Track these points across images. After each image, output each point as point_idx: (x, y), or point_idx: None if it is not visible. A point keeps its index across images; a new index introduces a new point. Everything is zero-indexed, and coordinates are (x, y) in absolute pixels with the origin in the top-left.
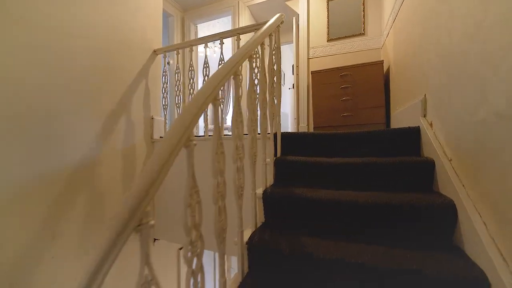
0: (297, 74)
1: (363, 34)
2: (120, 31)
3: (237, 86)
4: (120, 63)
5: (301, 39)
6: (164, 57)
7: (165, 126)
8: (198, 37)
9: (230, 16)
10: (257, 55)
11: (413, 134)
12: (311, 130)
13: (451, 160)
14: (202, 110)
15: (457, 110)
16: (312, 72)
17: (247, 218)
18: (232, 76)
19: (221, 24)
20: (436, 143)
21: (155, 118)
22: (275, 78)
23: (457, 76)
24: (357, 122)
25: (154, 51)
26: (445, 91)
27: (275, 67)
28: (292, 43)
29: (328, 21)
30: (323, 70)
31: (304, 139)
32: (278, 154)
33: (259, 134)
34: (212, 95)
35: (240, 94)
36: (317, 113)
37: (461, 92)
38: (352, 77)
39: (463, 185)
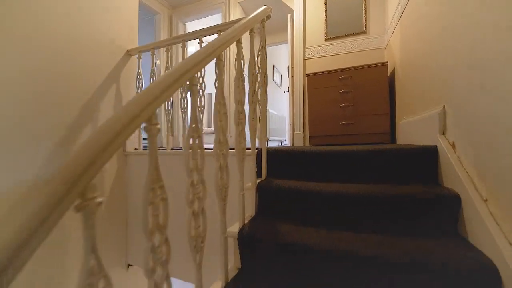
0: (293, 76)
1: (365, 32)
2: (84, 30)
3: (221, 71)
4: (85, 66)
5: (296, 38)
6: (152, 54)
7: (139, 135)
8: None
9: (221, 14)
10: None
11: (429, 155)
12: (307, 138)
13: (486, 200)
14: (174, 88)
15: (497, 132)
16: (308, 75)
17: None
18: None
19: (212, 22)
20: (462, 172)
21: None
22: (259, 82)
23: (499, 86)
24: (358, 131)
25: (128, 51)
26: (477, 105)
27: (257, 69)
28: (288, 42)
29: (326, 18)
30: (319, 72)
31: (295, 157)
32: (263, 176)
33: (232, 149)
34: (188, 74)
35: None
36: (313, 120)
37: (506, 108)
38: (353, 81)
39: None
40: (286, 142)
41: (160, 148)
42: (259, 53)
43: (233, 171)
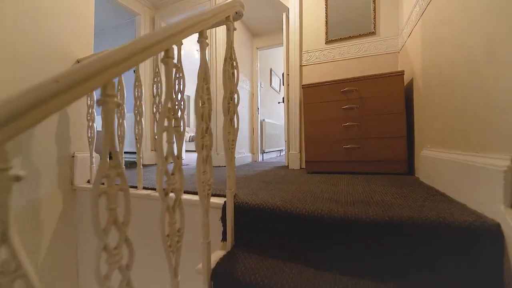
0: (288, 85)
1: (374, 33)
2: (27, 36)
3: (203, 48)
4: (17, 79)
5: (292, 41)
6: None
7: (91, 166)
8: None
9: None
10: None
11: (487, 236)
12: (304, 162)
13: None
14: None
15: None
16: (304, 87)
17: None
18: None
19: None
20: None
21: (78, 155)
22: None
23: None
24: (366, 157)
25: (78, 61)
26: None
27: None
28: (283, 45)
29: (326, 17)
30: (318, 84)
31: (276, 220)
32: (229, 247)
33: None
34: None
35: None
36: (310, 142)
37: None
38: (359, 94)
39: None
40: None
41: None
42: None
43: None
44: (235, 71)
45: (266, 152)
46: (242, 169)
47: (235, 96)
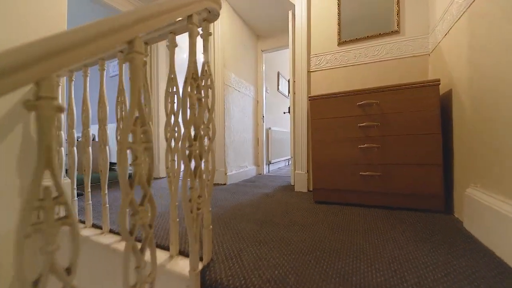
0: (294, 93)
1: (397, 32)
2: None
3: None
4: None
5: (298, 43)
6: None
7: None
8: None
9: None
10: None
11: None
12: (311, 183)
13: None
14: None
15: None
16: (311, 99)
17: None
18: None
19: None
20: None
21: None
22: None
23: None
24: (389, 188)
25: None
26: None
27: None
28: (289, 47)
29: (339, 14)
30: (328, 95)
31: None
32: None
33: None
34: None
35: None
36: (319, 166)
37: None
38: (381, 108)
39: None
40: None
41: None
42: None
43: None
44: (209, 92)
45: (273, 163)
46: (240, 190)
47: (210, 129)
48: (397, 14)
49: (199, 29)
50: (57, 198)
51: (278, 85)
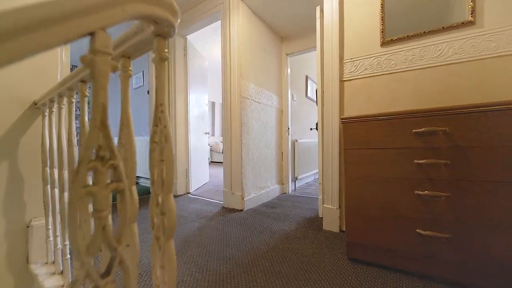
0: (322, 106)
1: (472, 23)
2: None
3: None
4: None
5: (328, 45)
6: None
7: (47, 239)
8: (190, 51)
9: (221, 20)
10: None
11: None
12: (344, 220)
13: None
14: None
15: None
16: (344, 121)
17: None
18: None
19: (216, 36)
20: None
21: (34, 223)
22: None
23: None
24: (464, 257)
25: (35, 103)
26: None
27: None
28: (316, 49)
29: (382, 6)
30: (367, 117)
31: None
32: None
33: None
34: None
35: None
36: (354, 211)
37: None
38: (451, 139)
39: None
40: None
41: None
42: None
43: None
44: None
45: (300, 179)
46: (256, 223)
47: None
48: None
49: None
50: (109, 160)
51: (306, 90)
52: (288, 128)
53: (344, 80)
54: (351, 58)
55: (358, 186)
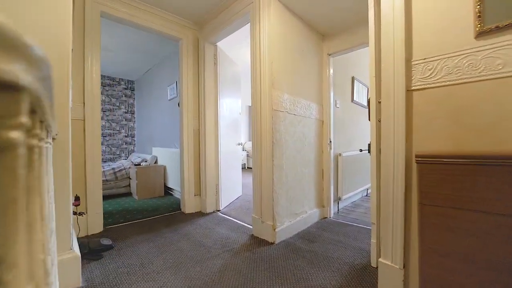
0: (377, 122)
1: None
2: None
3: None
4: None
5: (387, 40)
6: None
7: None
8: (221, 58)
9: (250, 21)
10: None
11: None
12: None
13: None
14: None
15: None
16: (420, 160)
17: None
18: None
19: (246, 44)
20: None
21: None
22: None
23: None
24: None
25: None
26: None
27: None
28: (370, 45)
29: None
30: (465, 158)
31: None
32: None
33: None
34: None
35: None
36: None
37: None
38: None
39: None
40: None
41: None
42: None
43: None
44: None
45: (343, 199)
46: (288, 267)
47: None
48: None
49: None
50: None
51: (352, 94)
52: (330, 142)
53: (414, 90)
54: (424, 59)
55: (443, 268)
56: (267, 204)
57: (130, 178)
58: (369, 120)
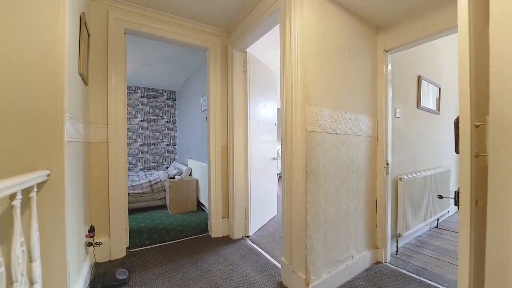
0: (477, 168)
1: None
2: None
3: None
4: None
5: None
6: None
7: None
8: (252, 65)
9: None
10: None
11: None
12: None
13: None
14: None
15: None
16: None
17: None
18: None
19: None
20: None
21: None
22: None
23: None
24: None
25: None
26: None
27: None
28: (458, 31)
29: None
30: None
31: None
32: None
33: None
34: None
35: None
36: None
37: None
38: None
39: None
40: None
41: None
42: None
43: None
44: None
45: (406, 236)
46: None
47: None
48: None
49: None
50: None
51: (419, 98)
52: (387, 164)
53: None
54: None
55: None
56: (299, 252)
57: (165, 191)
58: (456, 152)
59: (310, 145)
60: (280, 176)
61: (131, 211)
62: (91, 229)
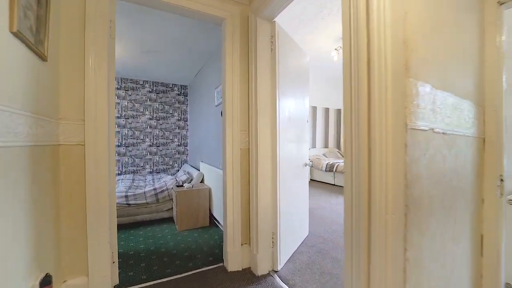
0: None
1: None
2: None
3: None
4: None
5: None
6: None
7: None
8: (281, 42)
9: None
10: None
11: None
12: None
13: None
14: None
15: None
16: None
17: None
18: None
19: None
20: None
21: None
22: None
23: None
24: None
25: None
26: None
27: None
28: None
29: None
30: None
31: None
32: None
33: None
34: None
35: None
36: None
37: None
38: None
39: None
40: None
41: None
42: None
43: None
44: None
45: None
46: None
47: None
48: None
49: None
50: None
51: None
52: (502, 180)
53: None
54: None
55: None
56: None
57: (173, 201)
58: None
59: (412, 155)
60: (309, 180)
61: (132, 226)
62: (45, 282)
